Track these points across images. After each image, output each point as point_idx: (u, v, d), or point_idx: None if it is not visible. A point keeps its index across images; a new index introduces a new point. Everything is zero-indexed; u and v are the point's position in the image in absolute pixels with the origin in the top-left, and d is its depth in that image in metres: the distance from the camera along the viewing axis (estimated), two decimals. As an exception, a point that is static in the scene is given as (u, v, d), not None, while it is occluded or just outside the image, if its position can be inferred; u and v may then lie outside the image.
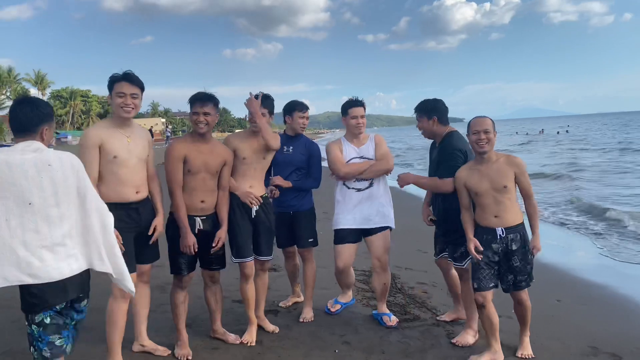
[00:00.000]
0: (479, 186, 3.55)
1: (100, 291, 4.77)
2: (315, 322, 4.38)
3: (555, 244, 8.04)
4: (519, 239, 3.55)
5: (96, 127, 3.41)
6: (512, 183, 3.54)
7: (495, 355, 3.63)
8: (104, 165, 3.28)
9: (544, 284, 5.59)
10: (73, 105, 78.98)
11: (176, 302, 3.76)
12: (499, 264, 3.59)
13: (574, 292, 5.56)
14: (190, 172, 3.62)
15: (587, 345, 3.98)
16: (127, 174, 3.34)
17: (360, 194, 4.32)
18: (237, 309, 4.67)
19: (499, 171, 3.52)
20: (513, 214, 3.55)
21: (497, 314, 3.65)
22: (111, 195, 3.26)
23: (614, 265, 6.75)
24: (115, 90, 3.32)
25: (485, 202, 3.56)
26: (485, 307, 3.63)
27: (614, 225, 9.27)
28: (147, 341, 3.76)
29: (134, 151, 3.38)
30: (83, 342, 3.89)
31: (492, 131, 3.52)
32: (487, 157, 3.55)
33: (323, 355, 3.75)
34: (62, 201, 2.54)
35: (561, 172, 19.78)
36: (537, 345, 3.81)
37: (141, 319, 3.74)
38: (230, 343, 3.91)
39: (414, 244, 7.02)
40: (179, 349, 3.71)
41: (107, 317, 3.39)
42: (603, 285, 5.84)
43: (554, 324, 4.41)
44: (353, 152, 4.37)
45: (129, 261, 3.30)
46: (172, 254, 3.71)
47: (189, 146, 3.66)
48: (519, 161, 3.58)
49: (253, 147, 3.97)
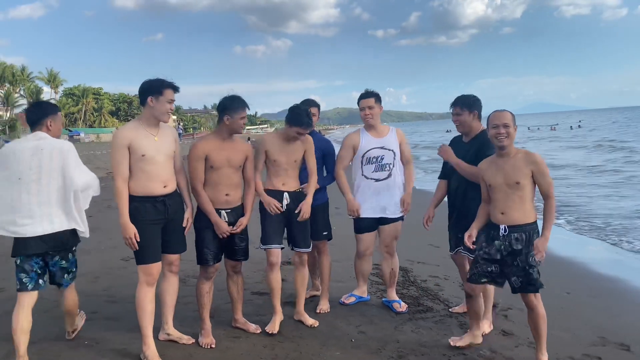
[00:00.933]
0: (493, 179, 3.50)
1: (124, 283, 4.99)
2: (331, 314, 4.54)
3: (563, 237, 8.13)
4: (524, 239, 3.42)
5: (125, 129, 3.64)
6: (526, 180, 3.41)
7: (474, 339, 3.80)
8: (134, 162, 3.53)
9: (554, 277, 5.70)
10: (85, 103, 79.62)
11: (202, 292, 3.94)
12: (501, 262, 3.52)
13: (583, 285, 5.68)
14: (213, 167, 3.83)
15: (596, 336, 4.11)
16: (155, 170, 3.57)
17: (379, 184, 4.53)
18: (257, 300, 4.85)
19: (514, 166, 3.43)
20: (521, 212, 3.43)
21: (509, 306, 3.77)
22: (139, 189, 3.55)
23: (623, 259, 6.83)
24: (167, 97, 3.58)
25: (496, 196, 3.52)
26: (472, 297, 3.73)
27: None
28: (173, 330, 3.93)
29: (161, 149, 3.60)
30: (111, 330, 4.11)
31: (511, 125, 3.44)
32: (507, 152, 3.47)
33: (339, 345, 3.90)
34: (43, 177, 3.37)
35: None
36: (547, 335, 3.92)
37: (168, 308, 3.90)
38: (251, 332, 4.08)
39: (426, 238, 7.11)
40: (203, 338, 3.88)
41: (136, 304, 3.62)
42: (612, 278, 5.94)
43: (564, 316, 4.53)
44: (373, 142, 4.56)
45: (154, 252, 3.59)
46: (199, 246, 3.91)
47: (211, 145, 3.85)
48: (537, 158, 3.43)
49: (286, 152, 4.14)
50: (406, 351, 3.77)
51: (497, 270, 3.56)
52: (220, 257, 3.98)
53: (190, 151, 3.87)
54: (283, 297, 4.84)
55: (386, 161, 4.55)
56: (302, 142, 4.19)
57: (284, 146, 4.15)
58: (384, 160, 4.55)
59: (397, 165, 4.59)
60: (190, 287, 4.74)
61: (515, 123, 3.50)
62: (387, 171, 4.54)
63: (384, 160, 4.55)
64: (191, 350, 3.78)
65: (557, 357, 3.66)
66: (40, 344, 3.85)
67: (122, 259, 6.37)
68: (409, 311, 4.55)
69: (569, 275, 6.06)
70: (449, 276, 5.61)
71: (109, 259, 6.46)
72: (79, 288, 5.22)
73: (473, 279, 3.66)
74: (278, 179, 4.18)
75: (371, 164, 4.56)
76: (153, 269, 3.60)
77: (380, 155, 4.55)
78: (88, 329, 4.13)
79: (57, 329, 4.15)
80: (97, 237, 7.78)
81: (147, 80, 3.64)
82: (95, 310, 4.59)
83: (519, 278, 3.46)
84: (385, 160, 4.55)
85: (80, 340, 3.91)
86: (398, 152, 4.59)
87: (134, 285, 3.65)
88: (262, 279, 5.50)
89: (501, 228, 3.47)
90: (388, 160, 4.55)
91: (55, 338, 3.96)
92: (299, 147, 4.18)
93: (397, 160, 4.59)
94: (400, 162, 4.62)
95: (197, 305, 3.98)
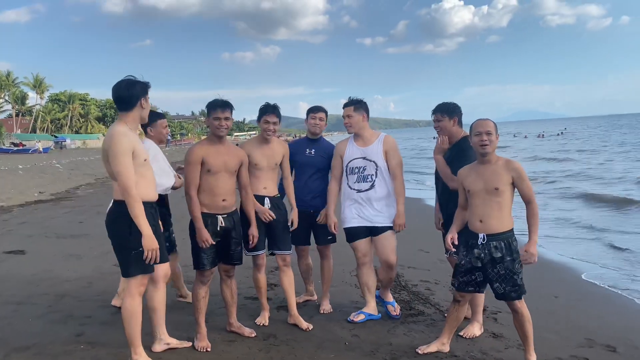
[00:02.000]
0: (473, 185, 3.57)
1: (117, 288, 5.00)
2: (325, 318, 4.60)
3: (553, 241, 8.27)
4: (504, 247, 3.48)
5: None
6: (505, 187, 3.48)
7: (442, 347, 3.84)
8: (136, 167, 3.40)
9: (542, 281, 5.84)
10: (71, 109, 79.00)
11: (198, 296, 3.97)
12: (483, 270, 3.58)
13: (570, 288, 5.79)
14: (210, 172, 3.86)
15: (583, 337, 4.21)
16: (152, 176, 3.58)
17: (361, 195, 4.46)
18: (250, 305, 4.90)
19: (494, 173, 3.51)
20: (499, 220, 3.50)
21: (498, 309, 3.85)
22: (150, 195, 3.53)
23: (609, 263, 6.97)
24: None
25: (475, 202, 3.57)
26: (459, 303, 3.78)
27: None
28: (171, 339, 3.90)
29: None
30: (106, 334, 4.12)
31: (494, 133, 3.52)
32: (488, 159, 3.55)
33: (334, 348, 3.95)
34: None
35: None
36: (535, 338, 3.96)
37: (162, 318, 3.85)
38: (246, 336, 4.12)
39: (416, 244, 7.24)
40: (199, 342, 3.91)
41: (128, 314, 3.47)
42: (598, 282, 6.07)
43: (552, 318, 4.63)
44: (357, 152, 4.50)
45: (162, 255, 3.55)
46: (196, 251, 3.93)
47: (207, 149, 3.90)
48: (516, 166, 3.53)
49: (266, 155, 4.33)
50: (399, 354, 3.83)
51: (480, 278, 3.64)
52: (216, 262, 4.02)
53: (187, 155, 3.91)
54: (277, 302, 4.93)
55: (368, 172, 4.44)
56: (282, 146, 4.44)
57: (264, 149, 4.33)
58: (365, 171, 4.45)
59: (382, 176, 4.43)
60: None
61: (498, 131, 3.60)
62: (369, 182, 4.43)
63: (366, 172, 4.45)
64: (187, 354, 3.81)
65: (546, 358, 3.75)
66: (36, 348, 3.87)
67: (114, 265, 6.34)
68: (402, 315, 4.62)
69: (556, 279, 6.18)
70: (440, 280, 5.70)
71: (102, 265, 6.47)
72: (73, 293, 5.28)
73: (460, 287, 3.73)
74: (260, 183, 4.31)
75: (353, 174, 4.49)
76: (147, 279, 3.54)
77: (362, 165, 4.46)
78: (84, 334, 4.15)
79: (52, 333, 4.17)
80: (88, 243, 7.82)
81: (130, 80, 3.46)
82: (89, 315, 4.61)
83: (502, 285, 3.53)
84: (367, 171, 4.44)
85: (76, 345, 3.93)
86: (382, 163, 4.42)
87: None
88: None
89: (480, 237, 3.54)
90: (370, 171, 4.43)
91: (49, 342, 3.98)
92: (279, 151, 4.39)
93: (382, 171, 4.42)
94: (387, 172, 4.44)
95: (193, 310, 4.01)
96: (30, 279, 5.90)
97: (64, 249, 7.48)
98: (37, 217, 10.87)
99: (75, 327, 4.32)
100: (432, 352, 3.81)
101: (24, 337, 4.10)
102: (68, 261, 6.75)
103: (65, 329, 4.27)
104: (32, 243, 7.97)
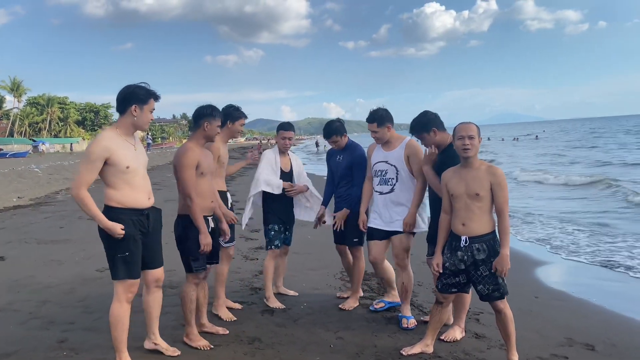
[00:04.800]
0: (455, 189, 3.61)
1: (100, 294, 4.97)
2: (309, 320, 4.62)
3: (532, 243, 8.40)
4: (486, 249, 3.53)
5: (105, 139, 3.39)
6: (485, 192, 3.52)
7: (426, 348, 3.89)
8: (116, 174, 3.38)
9: (523, 281, 5.94)
10: (50, 113, 77.87)
11: (192, 298, 4.01)
12: (466, 272, 3.63)
13: (551, 289, 5.90)
14: (203, 174, 3.91)
15: (563, 336, 4.29)
16: (139, 182, 3.48)
17: (383, 198, 4.58)
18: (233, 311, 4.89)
19: (475, 178, 3.54)
20: (481, 223, 3.54)
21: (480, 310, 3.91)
22: (127, 202, 3.41)
23: (588, 265, 7.11)
24: (151, 106, 3.54)
25: (457, 206, 3.62)
26: (442, 304, 3.84)
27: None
28: (160, 340, 3.89)
29: (141, 159, 3.54)
30: (89, 340, 4.10)
31: (476, 137, 3.55)
32: (470, 163, 3.58)
33: (319, 350, 3.97)
34: None
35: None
36: (517, 337, 4.03)
37: (155, 320, 3.84)
38: (220, 334, 4.23)
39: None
40: (199, 342, 4.00)
41: (113, 321, 3.47)
42: (578, 283, 6.19)
43: (532, 318, 4.72)
44: (381, 155, 4.63)
45: (138, 267, 3.50)
46: (194, 254, 3.91)
47: (199, 152, 3.93)
48: (497, 171, 3.54)
49: (226, 154, 4.79)
50: (383, 355, 3.87)
51: (464, 280, 3.70)
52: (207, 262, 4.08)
53: (183, 159, 3.83)
54: (261, 306, 4.96)
55: (389, 176, 4.54)
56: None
57: (225, 149, 4.73)
58: (387, 175, 4.55)
59: (403, 180, 4.50)
60: (168, 297, 4.76)
61: (480, 135, 3.64)
62: (390, 185, 4.52)
63: (387, 175, 4.55)
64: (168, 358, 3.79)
65: (527, 357, 3.82)
66: (18, 355, 3.83)
67: (96, 270, 6.32)
68: (385, 317, 4.67)
69: (537, 279, 6.29)
70: (422, 282, 5.76)
71: (84, 270, 6.40)
72: (54, 299, 5.22)
73: (444, 289, 3.78)
74: (222, 180, 4.71)
75: (377, 177, 4.63)
76: (136, 286, 3.50)
77: (384, 169, 4.56)
78: (66, 340, 4.12)
79: (34, 340, 4.13)
80: (70, 249, 7.72)
81: (130, 86, 3.46)
82: (72, 321, 4.58)
83: (485, 286, 3.58)
84: (388, 174, 4.55)
85: (59, 351, 3.90)
86: (403, 167, 4.48)
87: (110, 295, 3.52)
88: (240, 288, 5.57)
89: (462, 239, 3.59)
90: (391, 175, 4.53)
91: (32, 349, 3.94)
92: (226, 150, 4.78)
93: (402, 176, 4.50)
94: (409, 177, 4.50)
95: (184, 312, 4.02)
96: (11, 285, 5.82)
97: (44, 255, 7.37)
98: (16, 222, 10.70)
99: (57, 333, 4.28)
100: (416, 354, 3.86)
101: (5, 344, 4.05)
102: (49, 267, 6.67)
103: (48, 336, 4.23)
104: (12, 249, 7.84)
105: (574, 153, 36.43)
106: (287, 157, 5.26)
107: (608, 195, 14.83)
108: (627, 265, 6.88)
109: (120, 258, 3.38)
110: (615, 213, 11.66)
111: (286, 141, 5.15)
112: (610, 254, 7.57)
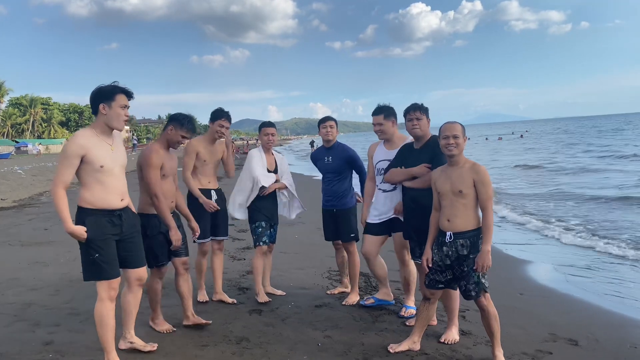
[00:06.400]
0: (442, 187, 3.69)
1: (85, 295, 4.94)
2: (297, 319, 4.63)
3: (517, 239, 8.50)
4: (469, 245, 3.60)
5: (80, 136, 3.45)
6: (469, 190, 3.59)
7: (413, 345, 3.93)
8: (90, 173, 3.41)
9: (508, 279, 6.01)
10: (33, 114, 76.93)
11: (157, 291, 4.34)
12: (452, 268, 3.71)
13: (535, 286, 5.97)
14: (165, 175, 4.17)
15: (547, 332, 4.36)
16: (112, 182, 3.48)
17: (385, 195, 4.64)
18: (223, 309, 4.90)
19: (459, 176, 3.63)
20: (465, 220, 3.61)
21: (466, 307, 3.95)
22: (97, 202, 3.44)
23: (574, 261, 7.21)
24: (119, 102, 3.47)
25: (444, 203, 3.71)
26: (429, 301, 3.89)
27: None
28: (136, 338, 3.91)
29: (117, 159, 3.52)
30: (76, 342, 4.08)
31: (461, 136, 3.63)
32: (455, 161, 3.67)
33: (306, 349, 3.99)
34: None
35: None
36: (502, 334, 4.06)
37: (132, 317, 3.88)
38: (203, 323, 4.37)
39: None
40: (161, 326, 4.32)
41: (98, 320, 3.50)
42: (562, 280, 6.28)
43: (517, 314, 4.78)
44: (383, 154, 4.69)
45: (116, 266, 3.53)
46: (156, 250, 4.17)
47: (163, 154, 4.19)
48: (480, 169, 3.62)
49: (212, 153, 4.97)
50: (371, 353, 3.90)
51: (450, 276, 3.76)
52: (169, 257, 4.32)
53: (149, 160, 4.07)
54: (250, 305, 4.96)
55: None
56: (222, 144, 5.04)
57: (209, 148, 4.95)
58: None
59: None
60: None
61: (465, 134, 3.71)
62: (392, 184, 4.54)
63: None
64: (156, 358, 3.80)
65: (512, 353, 3.88)
66: (4, 358, 3.79)
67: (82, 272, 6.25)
68: (372, 315, 4.70)
69: (521, 277, 6.36)
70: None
71: (69, 272, 6.34)
72: (40, 302, 5.17)
73: (431, 284, 3.84)
74: (206, 178, 4.94)
75: (380, 175, 4.67)
76: (116, 284, 3.52)
77: (387, 167, 4.56)
78: (52, 342, 4.09)
79: (20, 342, 4.10)
80: (55, 250, 7.66)
81: (98, 86, 3.51)
82: (58, 323, 4.54)
83: (467, 282, 3.65)
84: None
85: (45, 354, 3.86)
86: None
87: (96, 297, 3.54)
88: (227, 288, 5.56)
89: (447, 235, 3.67)
90: None
91: (17, 352, 3.90)
92: (220, 148, 5.03)
93: None
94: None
95: (150, 303, 4.33)
96: (-5, 287, 5.75)
97: (29, 257, 7.30)
98: (0, 224, 10.58)
99: (43, 335, 4.25)
100: (403, 351, 3.89)
101: (-10, 347, 4.01)
102: (34, 269, 6.60)
103: (33, 338, 4.19)
104: (-5, 251, 7.75)
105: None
106: (272, 156, 5.32)
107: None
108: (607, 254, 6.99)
109: (91, 259, 3.44)
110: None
111: (269, 137, 5.24)
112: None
